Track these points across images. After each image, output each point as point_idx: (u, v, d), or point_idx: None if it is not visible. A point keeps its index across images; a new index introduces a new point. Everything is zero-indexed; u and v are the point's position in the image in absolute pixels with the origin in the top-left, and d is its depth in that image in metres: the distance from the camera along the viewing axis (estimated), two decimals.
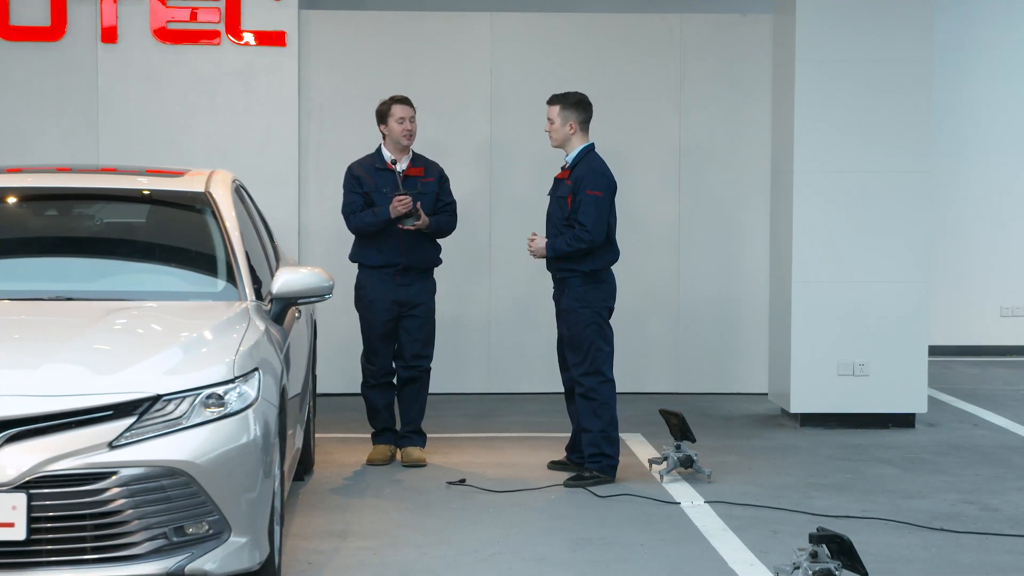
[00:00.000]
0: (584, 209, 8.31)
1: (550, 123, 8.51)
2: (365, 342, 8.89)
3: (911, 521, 7.60)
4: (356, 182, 8.83)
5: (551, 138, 8.55)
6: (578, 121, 8.45)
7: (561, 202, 8.44)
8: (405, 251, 8.75)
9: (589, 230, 8.28)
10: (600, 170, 8.43)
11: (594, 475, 8.33)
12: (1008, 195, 13.68)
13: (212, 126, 11.16)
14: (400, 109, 8.83)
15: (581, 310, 8.38)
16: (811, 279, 10.06)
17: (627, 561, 6.86)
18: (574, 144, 8.49)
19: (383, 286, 8.76)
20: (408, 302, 8.79)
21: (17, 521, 5.48)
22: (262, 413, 5.91)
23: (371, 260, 8.80)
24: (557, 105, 8.48)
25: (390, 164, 8.85)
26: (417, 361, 8.86)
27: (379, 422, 8.95)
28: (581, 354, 8.40)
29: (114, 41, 11.06)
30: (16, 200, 7.36)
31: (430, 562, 6.80)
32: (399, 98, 8.89)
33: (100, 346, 6.03)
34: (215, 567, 5.70)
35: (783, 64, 10.30)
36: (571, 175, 8.43)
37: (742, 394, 11.39)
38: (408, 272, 8.78)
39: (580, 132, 8.47)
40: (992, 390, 11.94)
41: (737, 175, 11.47)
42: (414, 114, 8.89)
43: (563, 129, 8.45)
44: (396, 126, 8.80)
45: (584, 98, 8.51)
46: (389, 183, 8.78)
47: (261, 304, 6.79)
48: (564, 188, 8.45)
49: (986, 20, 13.63)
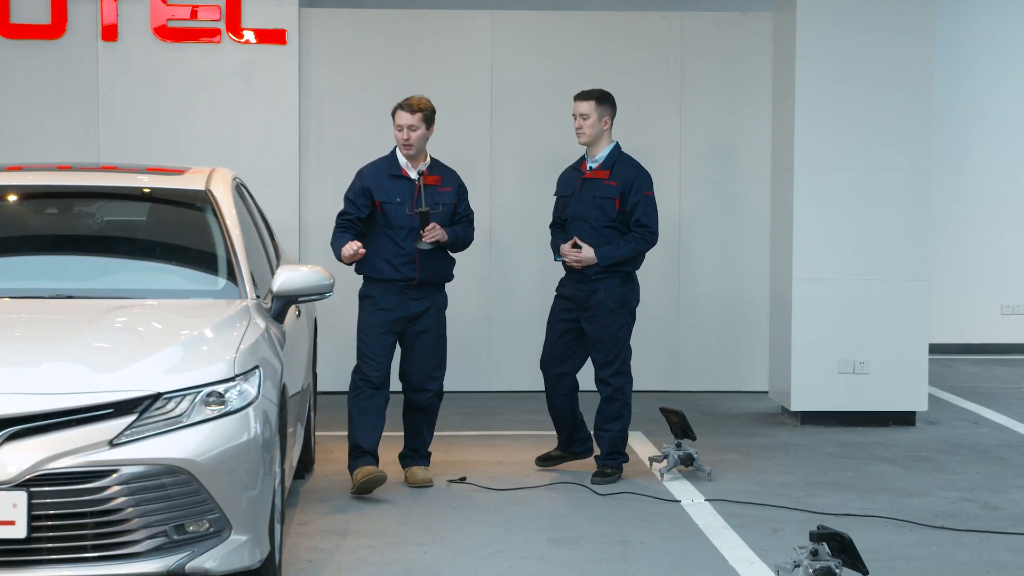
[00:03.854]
0: (645, 211, 8.23)
1: (583, 119, 8.28)
2: (365, 349, 8.17)
3: (912, 519, 7.60)
4: (363, 194, 8.14)
5: (583, 134, 8.30)
6: (611, 117, 8.31)
7: (604, 203, 8.23)
8: (421, 266, 8.13)
9: (655, 231, 8.26)
10: (645, 170, 8.34)
11: (615, 472, 8.35)
12: (1009, 193, 13.67)
13: (212, 124, 11.16)
14: (400, 115, 8.16)
15: (619, 310, 8.28)
16: (812, 277, 10.05)
17: (627, 559, 6.86)
18: (604, 142, 8.34)
19: (394, 298, 8.12)
20: (418, 318, 8.18)
21: (17, 519, 5.48)
22: (262, 411, 5.91)
23: (383, 275, 8.14)
24: (591, 100, 8.28)
25: (405, 171, 8.19)
26: (430, 384, 8.26)
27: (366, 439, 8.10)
28: (612, 354, 8.28)
29: (114, 39, 11.06)
30: (16, 198, 7.36)
31: (430, 560, 6.80)
32: (404, 103, 8.20)
33: (100, 344, 6.02)
34: (215, 565, 5.70)
35: (784, 62, 10.30)
36: (612, 175, 8.25)
37: (743, 392, 11.39)
38: (421, 287, 8.17)
39: (610, 130, 8.33)
40: (993, 388, 11.94)
41: (738, 173, 11.47)
42: (416, 122, 8.13)
43: (599, 125, 8.27)
44: (396, 133, 8.18)
45: (612, 95, 8.39)
46: (403, 192, 8.13)
47: (262, 302, 6.79)
48: (607, 189, 8.23)
49: (987, 18, 13.62)
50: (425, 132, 8.18)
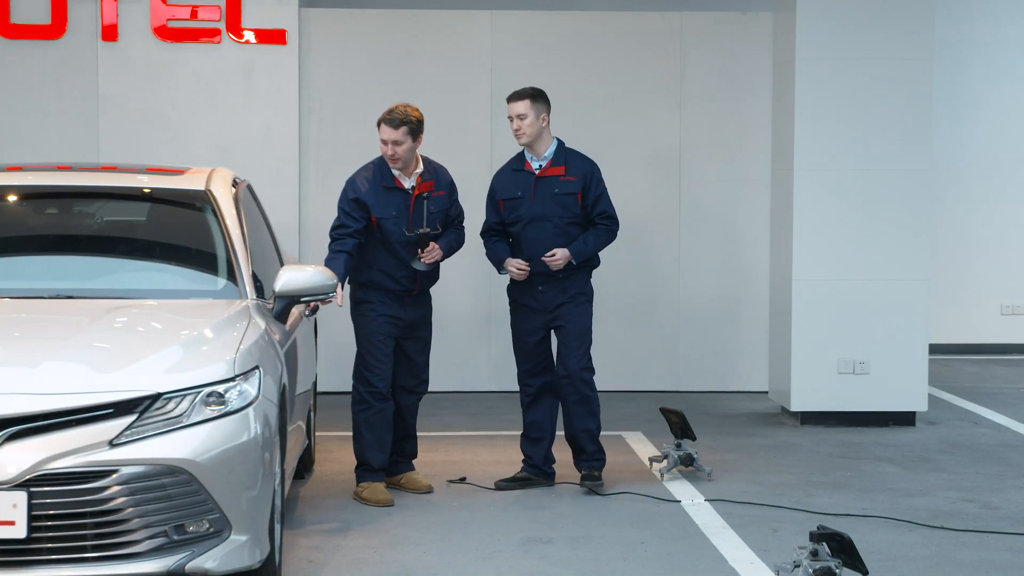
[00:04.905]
0: (605, 202, 8.19)
1: (520, 119, 8.08)
2: (370, 357, 8.00)
3: (911, 519, 7.60)
4: (357, 206, 7.90)
5: (523, 135, 8.10)
6: (548, 113, 8.18)
7: (566, 200, 8.12)
8: (422, 278, 8.05)
9: (618, 222, 8.24)
10: (594, 161, 8.27)
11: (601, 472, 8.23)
12: (1008, 192, 13.66)
13: (212, 124, 11.16)
14: (383, 130, 7.88)
15: (588, 303, 8.24)
16: (811, 277, 10.05)
17: (627, 559, 6.86)
18: (547, 139, 8.19)
19: (394, 305, 8.01)
20: (413, 322, 8.09)
21: (17, 519, 5.48)
22: (263, 411, 5.91)
23: (381, 286, 7.99)
24: (526, 99, 8.11)
25: (399, 181, 7.97)
26: (420, 387, 8.22)
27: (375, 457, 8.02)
28: (582, 348, 8.20)
29: (114, 39, 11.06)
30: (16, 198, 7.36)
31: (430, 560, 6.80)
32: (387, 116, 7.89)
33: (100, 344, 6.02)
34: (215, 565, 5.71)
35: (783, 61, 10.30)
36: (568, 170, 8.16)
37: (742, 392, 11.39)
38: (418, 295, 8.11)
39: (548, 126, 8.20)
40: (992, 388, 11.94)
41: (737, 173, 11.46)
42: (400, 137, 7.84)
43: (537, 123, 8.11)
44: (382, 147, 7.92)
45: (544, 91, 8.24)
46: (399, 205, 7.93)
47: (264, 302, 6.79)
48: (566, 185, 8.15)
49: (986, 17, 13.62)
50: (412, 145, 7.91)
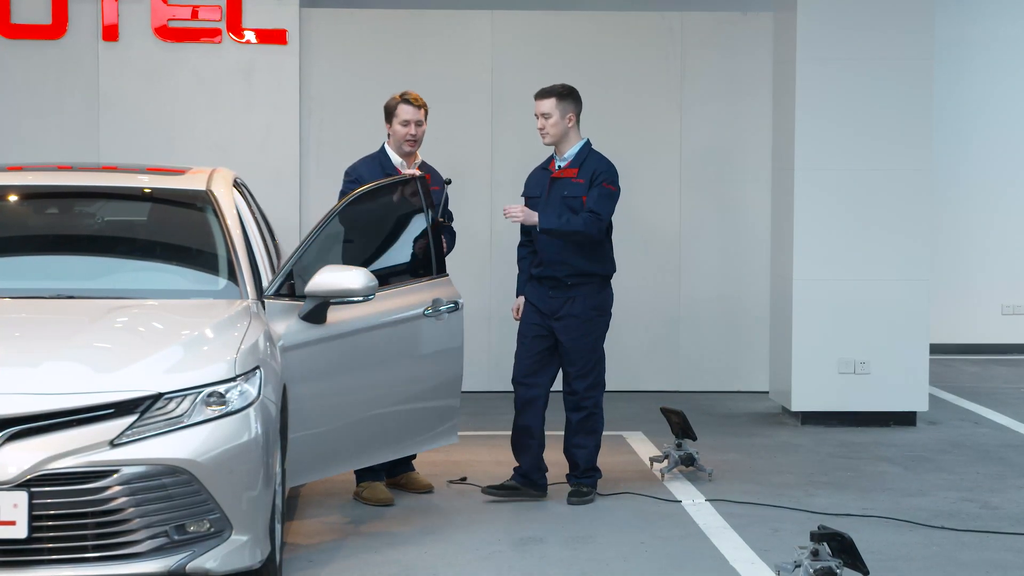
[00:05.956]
0: (601, 201, 7.78)
1: (545, 118, 7.83)
2: None
3: (912, 519, 7.60)
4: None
5: (547, 134, 7.89)
6: (576, 113, 7.92)
7: (573, 203, 7.82)
8: None
9: (603, 221, 7.78)
10: (613, 168, 7.93)
11: (591, 490, 7.97)
12: (1009, 192, 13.66)
13: (213, 124, 11.16)
14: (406, 110, 7.92)
15: (597, 319, 7.95)
16: (812, 277, 10.05)
17: (628, 559, 6.86)
18: (572, 139, 7.93)
19: None
20: None
21: (18, 519, 5.49)
22: (263, 411, 5.91)
23: None
24: (552, 98, 7.84)
25: (400, 169, 7.96)
26: None
27: None
28: (588, 366, 7.93)
29: (115, 39, 11.06)
30: (17, 198, 7.36)
31: (431, 560, 6.80)
32: (409, 96, 7.96)
33: (101, 344, 6.03)
34: (216, 565, 5.71)
35: (784, 62, 10.30)
36: (581, 172, 7.86)
37: (743, 392, 11.39)
38: None
39: (576, 126, 7.94)
40: (993, 388, 11.94)
41: (738, 173, 11.47)
42: (422, 118, 7.95)
43: (563, 123, 7.85)
44: (400, 128, 7.92)
45: (576, 89, 8.00)
46: None
47: (281, 302, 6.71)
48: (575, 187, 7.85)
49: (986, 17, 13.62)
50: (425, 128, 8.03)
